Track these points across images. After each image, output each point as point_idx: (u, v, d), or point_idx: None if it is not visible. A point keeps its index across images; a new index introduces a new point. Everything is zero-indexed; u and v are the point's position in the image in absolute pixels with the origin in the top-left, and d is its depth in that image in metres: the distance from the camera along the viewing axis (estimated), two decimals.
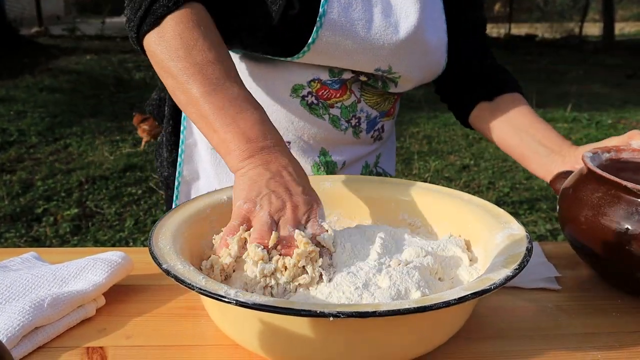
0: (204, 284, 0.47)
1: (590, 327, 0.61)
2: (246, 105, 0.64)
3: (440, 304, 0.43)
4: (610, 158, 0.73)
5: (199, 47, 0.66)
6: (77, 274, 0.65)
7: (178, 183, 0.94)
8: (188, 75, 0.65)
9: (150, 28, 0.69)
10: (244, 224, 0.57)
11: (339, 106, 0.86)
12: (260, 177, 0.59)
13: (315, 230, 0.57)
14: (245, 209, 0.57)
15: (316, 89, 0.84)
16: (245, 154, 0.61)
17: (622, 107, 5.77)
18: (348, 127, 0.88)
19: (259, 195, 0.58)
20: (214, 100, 0.64)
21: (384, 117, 0.93)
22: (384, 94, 0.90)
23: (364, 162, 0.96)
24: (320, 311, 0.42)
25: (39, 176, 3.42)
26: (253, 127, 0.63)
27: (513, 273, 0.49)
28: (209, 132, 0.65)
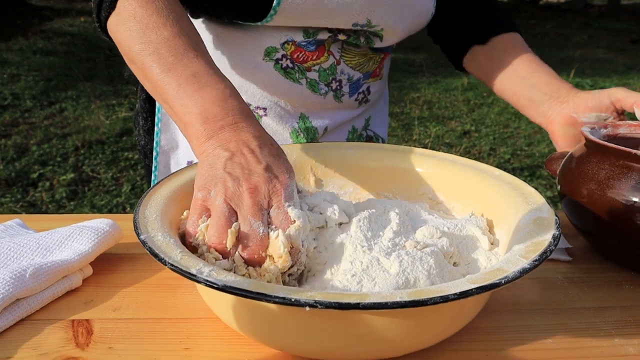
0: (178, 259, 0.42)
1: (602, 300, 0.58)
2: (206, 81, 0.57)
3: (437, 298, 0.37)
4: (608, 134, 0.70)
5: (153, 24, 0.61)
6: (62, 243, 0.61)
7: (157, 153, 0.89)
8: (144, 56, 0.60)
9: (109, 12, 0.64)
10: (202, 216, 0.50)
11: (316, 69, 0.81)
12: (217, 159, 0.52)
13: (280, 223, 0.49)
14: (200, 198, 0.51)
15: (290, 52, 0.79)
16: (204, 137, 0.54)
17: (626, 73, 5.67)
18: (328, 91, 0.83)
19: (213, 180, 0.51)
20: (171, 80, 0.58)
21: (368, 79, 0.87)
22: (368, 54, 0.84)
23: (350, 127, 0.90)
24: (295, 299, 0.37)
25: (34, 141, 3.37)
26: (212, 105, 0.56)
27: (530, 265, 0.42)
28: (175, 118, 0.59)
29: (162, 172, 0.90)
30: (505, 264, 0.43)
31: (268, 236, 0.49)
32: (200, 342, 0.50)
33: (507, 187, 0.60)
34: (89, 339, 0.50)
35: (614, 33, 8.43)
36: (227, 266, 0.48)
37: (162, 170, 0.90)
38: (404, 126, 3.88)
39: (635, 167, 0.60)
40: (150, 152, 0.91)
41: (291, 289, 0.39)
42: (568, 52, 6.59)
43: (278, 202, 0.51)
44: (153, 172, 0.91)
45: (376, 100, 0.93)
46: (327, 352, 0.44)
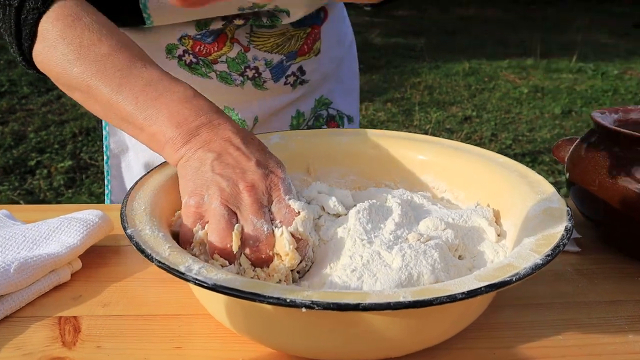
0: (166, 255, 0.40)
1: (614, 293, 0.56)
2: (164, 86, 0.54)
3: (444, 298, 0.35)
4: (619, 119, 0.67)
5: (88, 42, 0.56)
6: (50, 235, 0.59)
7: (107, 157, 0.86)
8: (88, 78, 0.55)
9: (31, 42, 0.58)
10: (196, 224, 0.47)
11: (223, 60, 0.75)
12: (202, 162, 0.49)
13: (284, 217, 0.47)
14: (193, 205, 0.48)
15: (190, 46, 0.74)
16: (179, 142, 0.51)
17: (628, 58, 5.61)
18: (244, 80, 0.77)
19: (204, 184, 0.48)
20: (126, 95, 0.53)
21: (295, 59, 0.80)
22: (288, 31, 0.77)
23: (293, 112, 0.84)
24: (291, 300, 0.34)
25: (31, 128, 3.34)
26: (180, 108, 0.52)
27: (543, 261, 0.39)
28: (137, 132, 0.54)
29: (115, 175, 0.87)
30: (516, 259, 0.40)
31: (273, 234, 0.46)
32: (192, 340, 0.47)
33: (513, 175, 0.57)
34: (76, 337, 0.48)
35: (616, 17, 8.34)
36: (234, 271, 0.45)
37: (114, 174, 0.87)
38: (404, 112, 3.84)
39: None
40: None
41: (286, 288, 0.36)
42: (570, 36, 6.52)
43: (278, 197, 0.49)
44: (106, 177, 0.87)
45: (324, 77, 0.86)
46: (324, 352, 0.41)
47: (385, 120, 3.66)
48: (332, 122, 0.90)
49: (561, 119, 3.77)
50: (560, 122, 3.69)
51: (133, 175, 0.87)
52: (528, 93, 4.32)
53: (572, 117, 3.81)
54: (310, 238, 0.48)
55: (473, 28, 6.80)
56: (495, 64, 5.04)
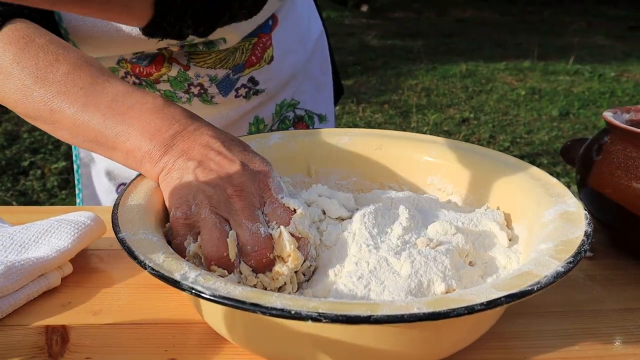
0: (160, 261, 0.37)
1: (629, 301, 0.53)
2: (131, 99, 0.51)
3: (461, 310, 0.32)
4: (631, 119, 0.65)
5: (44, 63, 0.52)
6: (39, 238, 0.56)
7: (77, 166, 0.83)
8: (50, 101, 0.51)
9: None
10: (187, 236, 0.45)
11: (165, 79, 0.72)
12: (184, 171, 0.47)
13: (279, 217, 0.45)
14: (181, 216, 0.45)
15: (130, 68, 0.71)
16: (156, 155, 0.48)
17: (625, 60, 5.62)
18: (191, 97, 0.74)
19: (189, 194, 0.45)
20: (91, 115, 0.50)
21: (242, 71, 0.76)
22: (228, 48, 0.73)
23: (251, 119, 0.80)
24: (296, 312, 0.32)
25: (25, 128, 3.30)
26: (151, 119, 0.49)
27: (565, 268, 0.37)
28: (111, 153, 0.51)
29: (86, 185, 0.85)
30: (535, 267, 0.37)
31: (271, 236, 0.44)
32: (187, 351, 0.45)
33: (525, 177, 0.54)
34: (64, 347, 0.45)
35: (612, 20, 8.35)
36: (235, 280, 0.43)
37: (85, 182, 0.85)
38: (401, 114, 3.82)
39: None
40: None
41: (290, 298, 0.33)
42: (567, 38, 6.52)
43: (270, 197, 0.46)
44: (76, 186, 0.85)
45: (284, 83, 0.82)
46: None
47: (383, 122, 3.64)
48: (299, 124, 0.86)
49: (559, 121, 3.76)
50: (558, 124, 3.67)
51: (102, 185, 0.84)
52: (525, 95, 4.31)
53: (569, 119, 3.79)
54: (311, 235, 0.46)
55: (470, 30, 6.80)
56: (492, 66, 5.03)
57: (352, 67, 4.91)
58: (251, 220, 0.44)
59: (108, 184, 0.84)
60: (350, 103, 3.94)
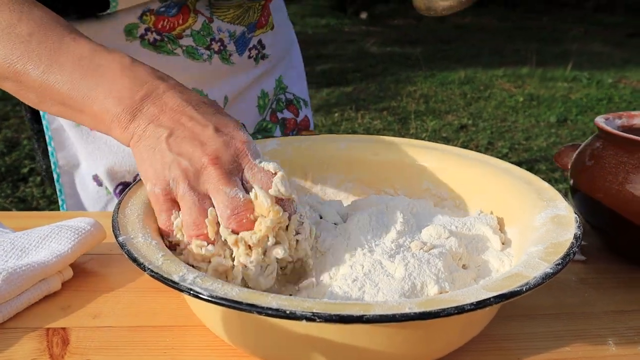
0: (159, 264, 0.38)
1: (621, 304, 0.54)
2: (98, 60, 0.49)
3: (451, 309, 0.33)
4: (622, 125, 0.66)
5: (6, 23, 0.50)
6: (40, 243, 0.57)
7: (57, 175, 0.80)
8: (14, 63, 0.49)
9: None
10: (171, 212, 0.45)
11: (188, 34, 0.72)
12: (155, 140, 0.45)
13: (261, 181, 0.44)
14: (161, 192, 0.45)
15: (152, 23, 0.70)
16: (124, 119, 0.46)
17: (622, 67, 5.64)
18: (211, 54, 0.74)
19: (164, 167, 0.44)
20: (58, 76, 0.48)
21: (255, 31, 0.79)
22: (245, 3, 0.76)
23: (258, 92, 0.82)
24: (291, 311, 0.33)
25: (24, 135, 3.31)
26: (119, 80, 0.47)
27: (554, 270, 0.38)
28: (78, 115, 0.50)
29: (69, 194, 0.82)
30: (524, 269, 0.38)
31: (250, 200, 0.44)
32: (186, 353, 0.45)
33: (518, 182, 0.55)
34: (65, 349, 0.46)
35: (610, 27, 8.39)
36: (215, 250, 0.43)
37: (68, 192, 0.81)
38: (400, 120, 3.84)
39: None
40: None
41: (285, 299, 0.34)
42: (565, 45, 6.55)
43: (248, 163, 0.45)
44: (59, 197, 0.82)
45: (281, 56, 0.85)
46: None
47: (381, 129, 3.65)
48: (291, 106, 0.89)
49: (557, 127, 3.77)
50: (556, 131, 3.69)
51: (89, 192, 0.82)
52: (524, 101, 4.33)
53: (567, 125, 3.81)
54: (294, 195, 0.45)
55: (469, 37, 6.83)
56: (490, 73, 5.05)
57: (352, 73, 4.93)
58: (229, 186, 0.43)
59: (96, 190, 0.81)
60: (349, 110, 3.96)
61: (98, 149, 0.77)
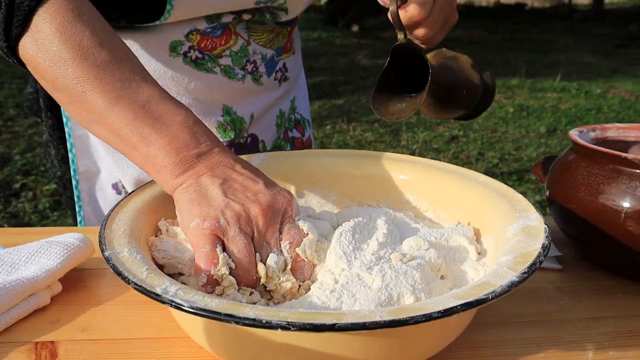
0: (143, 277, 0.40)
1: (595, 310, 0.56)
2: (164, 108, 0.52)
3: (419, 317, 0.35)
4: (596, 137, 0.69)
5: (88, 43, 0.52)
6: (29, 259, 0.58)
7: (76, 182, 0.82)
8: (83, 83, 0.51)
9: (22, 30, 0.53)
10: (216, 246, 0.46)
11: (227, 54, 0.77)
12: (209, 187, 0.49)
13: (293, 238, 0.49)
14: (209, 227, 0.47)
15: (197, 42, 0.74)
16: (179, 168, 0.50)
17: (611, 77, 5.72)
18: (245, 74, 0.79)
19: (217, 208, 0.47)
20: (121, 110, 0.51)
21: (282, 55, 0.84)
22: (275, 29, 0.81)
23: (277, 111, 0.87)
24: (267, 321, 0.34)
25: (17, 150, 3.31)
26: (180, 133, 0.51)
27: (520, 278, 0.39)
28: (127, 150, 0.52)
29: (87, 200, 0.83)
30: (493, 277, 0.40)
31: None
32: None
33: (493, 194, 0.57)
34: None
35: (598, 38, 8.52)
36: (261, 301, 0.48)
37: (86, 199, 0.83)
38: (391, 132, 3.87)
39: (625, 171, 0.58)
40: (69, 182, 0.84)
41: (263, 309, 0.36)
42: (554, 56, 6.64)
43: (289, 219, 0.50)
44: (77, 203, 0.83)
45: (295, 79, 0.91)
46: None
47: (373, 141, 3.68)
48: (299, 126, 0.94)
49: (546, 137, 3.82)
50: (545, 141, 3.73)
51: (107, 199, 0.84)
52: (514, 112, 4.37)
53: (557, 135, 3.86)
54: (316, 260, 0.50)
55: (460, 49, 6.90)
56: None
57: (343, 86, 4.98)
58: (271, 244, 0.49)
59: (115, 197, 0.83)
60: (340, 122, 3.99)
61: (124, 159, 0.79)
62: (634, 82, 5.45)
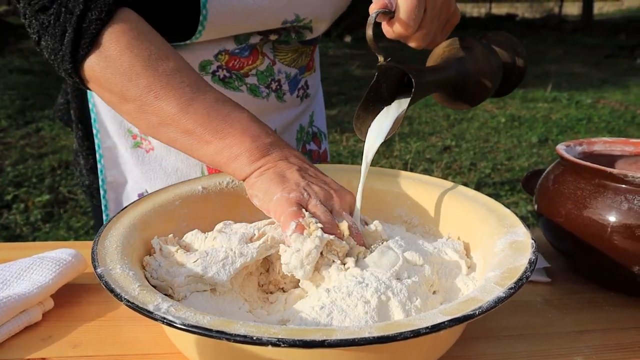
0: (135, 294, 0.40)
1: (582, 323, 0.57)
2: (230, 107, 0.58)
3: (408, 333, 0.35)
4: (583, 151, 0.70)
5: (155, 56, 0.58)
6: (20, 275, 0.58)
7: (104, 191, 0.85)
8: (156, 90, 0.57)
9: (89, 51, 0.58)
10: (301, 208, 0.51)
11: (254, 73, 0.80)
12: (287, 170, 0.55)
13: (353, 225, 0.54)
14: (294, 197, 0.52)
15: (225, 61, 0.77)
16: (256, 154, 0.56)
17: (601, 87, 5.78)
18: (269, 92, 0.82)
19: (299, 185, 0.53)
20: (195, 111, 0.57)
21: (304, 73, 0.87)
22: (299, 48, 0.84)
23: (297, 126, 0.90)
24: (257, 338, 0.35)
25: (8, 161, 3.30)
26: (250, 126, 0.57)
27: (506, 294, 0.40)
28: (199, 146, 0.57)
29: (113, 209, 0.86)
30: (480, 293, 0.41)
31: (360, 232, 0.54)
32: None
33: (482, 209, 0.58)
34: None
35: (588, 48, 8.61)
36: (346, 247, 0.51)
37: (112, 208, 0.86)
38: (384, 142, 3.87)
39: (610, 185, 0.59)
40: (97, 192, 0.88)
41: (253, 326, 0.36)
42: (544, 67, 6.70)
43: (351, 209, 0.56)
44: (104, 212, 0.86)
45: (315, 94, 0.94)
46: None
47: None
48: (315, 139, 0.96)
49: (538, 147, 3.84)
50: (537, 151, 3.76)
51: None
52: (505, 122, 4.41)
53: (548, 145, 3.88)
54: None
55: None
56: None
57: (336, 96, 5.00)
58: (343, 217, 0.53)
59: None
60: (334, 132, 4.01)
61: (152, 170, 0.82)
62: (623, 92, 5.51)
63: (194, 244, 0.54)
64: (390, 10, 0.58)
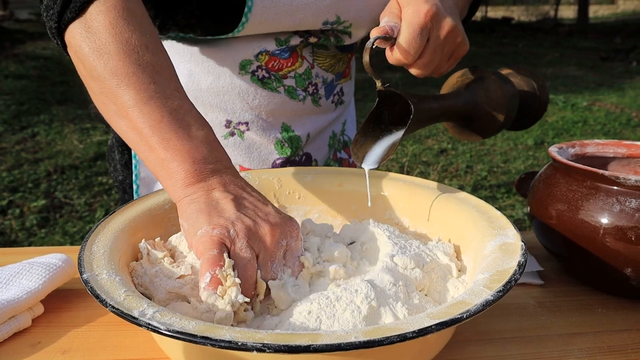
0: (121, 300, 0.39)
1: (574, 326, 0.57)
2: (189, 120, 0.53)
3: (394, 337, 0.35)
4: (576, 153, 0.70)
5: (135, 42, 0.54)
6: (10, 281, 0.58)
7: (137, 186, 0.85)
8: (120, 77, 0.53)
9: (74, 16, 0.56)
10: (223, 252, 0.46)
11: (292, 75, 0.80)
12: (221, 200, 0.50)
13: (292, 267, 0.51)
14: (218, 235, 0.47)
15: (265, 62, 0.78)
16: (192, 178, 0.51)
17: (596, 90, 5.80)
18: (306, 95, 0.82)
19: (228, 219, 0.48)
20: (150, 111, 0.52)
21: (340, 80, 0.88)
22: (337, 55, 0.85)
23: (330, 132, 0.90)
24: (242, 343, 0.34)
25: (4, 166, 3.29)
26: (199, 147, 0.52)
27: (495, 297, 0.40)
28: (144, 149, 0.53)
29: None
30: (469, 296, 0.40)
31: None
32: None
33: (473, 211, 0.58)
34: None
35: (583, 51, 8.64)
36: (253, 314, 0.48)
37: None
38: None
39: (602, 187, 0.59)
40: (129, 187, 0.88)
41: (239, 331, 0.36)
42: (540, 70, 6.72)
43: (294, 247, 0.51)
44: None
45: (349, 102, 0.94)
46: None
47: None
48: (346, 147, 0.97)
49: (534, 149, 3.85)
50: (533, 153, 3.77)
51: None
52: None
53: (544, 148, 3.89)
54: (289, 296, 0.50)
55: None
56: None
57: None
58: (274, 263, 0.49)
59: None
60: None
61: None
62: (618, 94, 5.53)
63: (179, 247, 0.54)
64: (392, 36, 0.59)
